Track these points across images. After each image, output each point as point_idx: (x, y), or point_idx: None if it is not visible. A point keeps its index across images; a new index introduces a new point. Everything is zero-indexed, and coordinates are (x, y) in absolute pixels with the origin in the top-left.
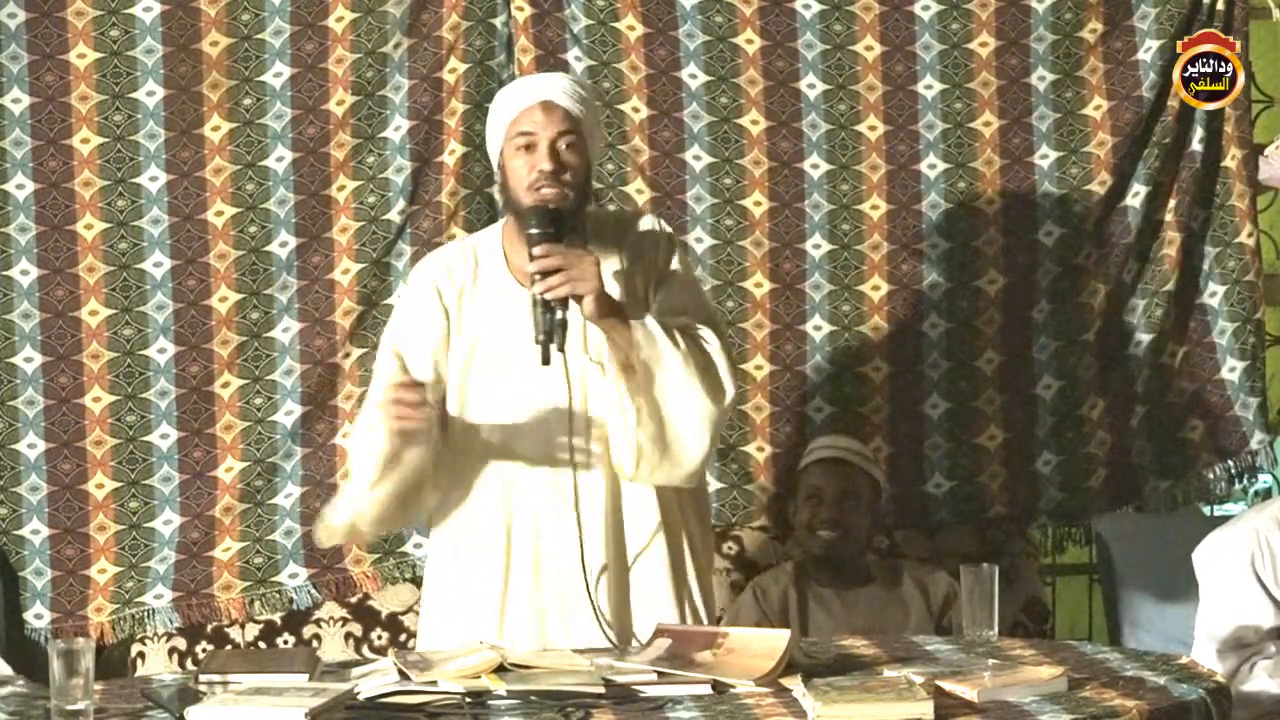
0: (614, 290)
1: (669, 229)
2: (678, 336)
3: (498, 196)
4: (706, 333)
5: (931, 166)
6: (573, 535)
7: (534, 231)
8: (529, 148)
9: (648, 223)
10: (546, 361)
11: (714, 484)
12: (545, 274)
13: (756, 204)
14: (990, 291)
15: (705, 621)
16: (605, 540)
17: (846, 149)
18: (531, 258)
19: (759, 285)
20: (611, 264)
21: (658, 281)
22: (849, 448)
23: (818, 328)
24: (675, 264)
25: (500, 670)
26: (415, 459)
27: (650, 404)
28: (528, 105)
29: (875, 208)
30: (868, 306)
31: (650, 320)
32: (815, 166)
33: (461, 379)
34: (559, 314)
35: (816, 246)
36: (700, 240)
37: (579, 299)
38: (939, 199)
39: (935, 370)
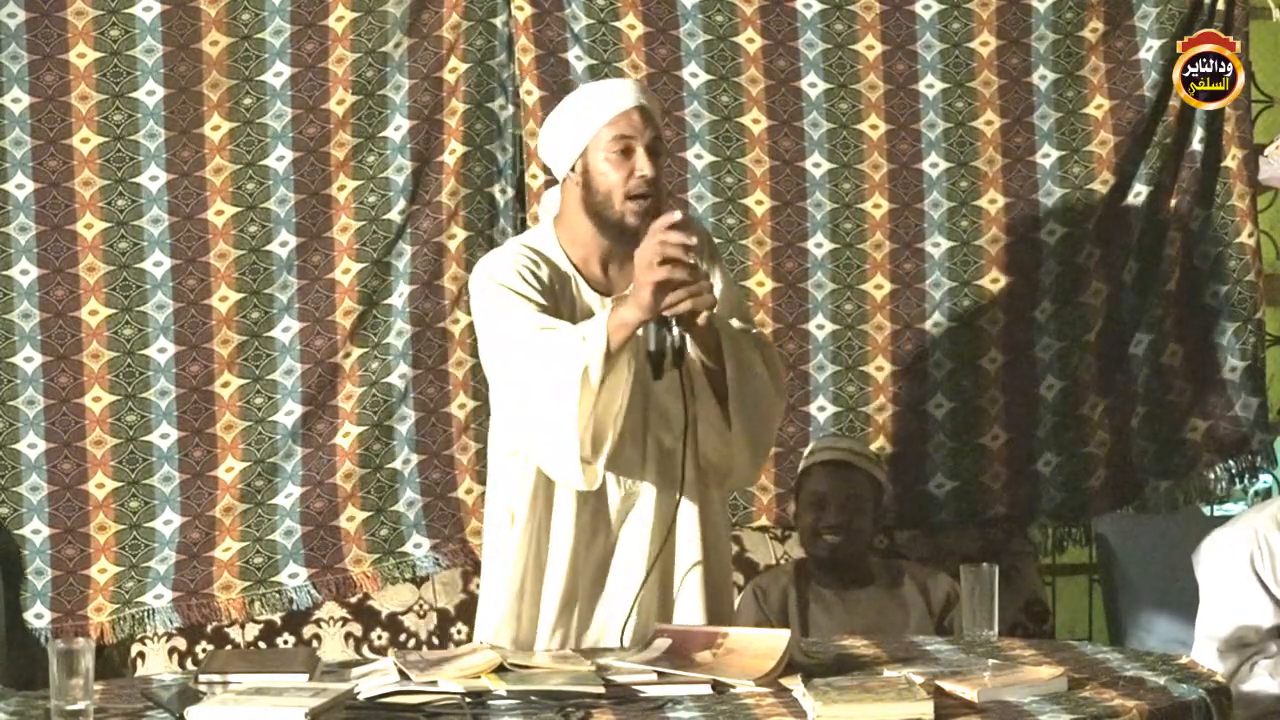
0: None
1: (705, 228)
2: (756, 346)
3: (498, 196)
4: (760, 334)
5: (933, 165)
6: (642, 539)
7: (687, 241)
8: (626, 152)
9: (691, 222)
10: (659, 376)
11: None
12: (672, 289)
13: (758, 203)
14: (993, 291)
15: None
16: (652, 546)
17: (848, 148)
18: (663, 271)
19: (761, 284)
20: None
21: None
22: (852, 449)
23: (820, 327)
24: (718, 260)
25: (500, 670)
26: (624, 373)
27: (742, 410)
28: (625, 109)
29: (877, 206)
30: (870, 305)
31: (730, 328)
32: (817, 165)
33: None
34: (675, 329)
35: (818, 245)
36: None
37: (694, 315)
38: (941, 198)
39: (939, 369)
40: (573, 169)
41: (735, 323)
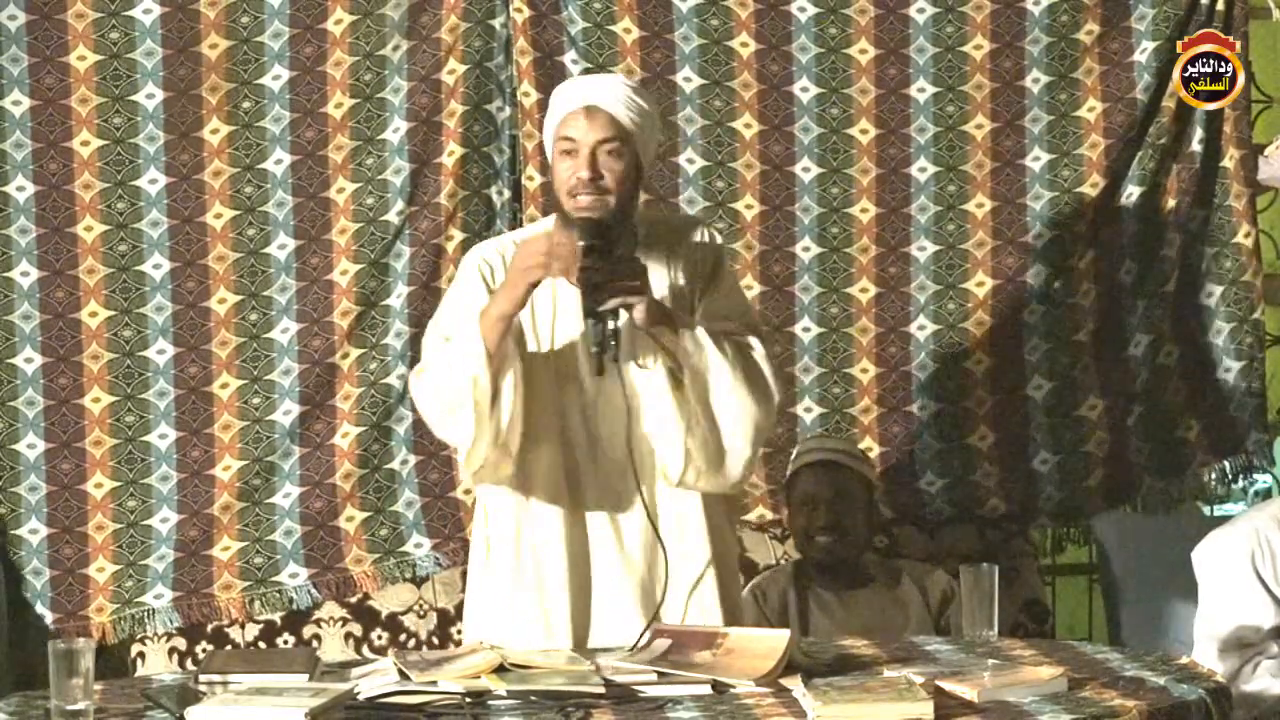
0: (662, 296)
1: (719, 239)
2: (725, 344)
3: (495, 198)
4: (753, 340)
5: (922, 170)
6: (638, 539)
7: (581, 244)
8: (570, 153)
9: (699, 233)
10: (600, 372)
11: None
12: (597, 286)
13: (748, 207)
14: (978, 294)
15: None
16: (645, 544)
17: (837, 153)
18: (580, 269)
19: (749, 287)
20: (661, 271)
21: (703, 290)
22: (839, 449)
23: (807, 329)
24: (722, 272)
25: (500, 670)
26: (511, 387)
27: (699, 411)
28: (572, 109)
29: (865, 211)
30: (856, 309)
31: (699, 328)
32: (806, 170)
33: None
34: (611, 324)
35: (806, 249)
36: None
37: (629, 308)
38: (928, 202)
39: (923, 371)
40: (550, 162)
41: (724, 325)
